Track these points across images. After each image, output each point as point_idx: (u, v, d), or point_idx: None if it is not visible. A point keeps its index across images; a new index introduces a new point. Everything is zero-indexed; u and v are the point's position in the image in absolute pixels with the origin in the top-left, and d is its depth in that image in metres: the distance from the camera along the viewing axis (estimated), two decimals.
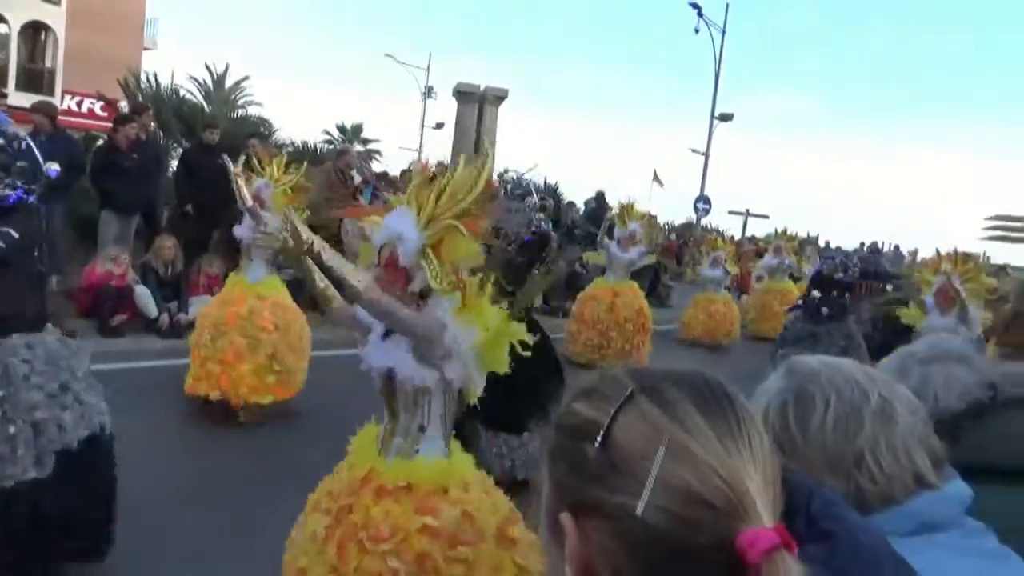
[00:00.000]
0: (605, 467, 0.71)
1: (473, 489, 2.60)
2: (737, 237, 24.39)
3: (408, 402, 2.57)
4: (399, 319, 2.44)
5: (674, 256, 21.58)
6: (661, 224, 21.29)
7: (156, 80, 14.36)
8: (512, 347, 2.55)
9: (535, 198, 5.50)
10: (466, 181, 2.47)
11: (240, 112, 15.75)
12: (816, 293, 9.55)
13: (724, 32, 22.08)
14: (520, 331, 2.55)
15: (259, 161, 5.81)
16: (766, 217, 26.40)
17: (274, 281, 5.93)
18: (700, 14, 21.02)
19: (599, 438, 0.71)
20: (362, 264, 2.65)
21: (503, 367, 2.53)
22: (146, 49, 27.04)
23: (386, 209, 2.66)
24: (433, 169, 2.63)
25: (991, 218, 24.85)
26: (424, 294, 2.51)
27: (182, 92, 14.71)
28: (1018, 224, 24.34)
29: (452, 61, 73.88)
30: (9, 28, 24.34)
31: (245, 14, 78.13)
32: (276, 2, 76.36)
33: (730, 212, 27.34)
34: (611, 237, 9.16)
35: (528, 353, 2.54)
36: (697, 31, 21.28)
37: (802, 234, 21.06)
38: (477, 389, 2.58)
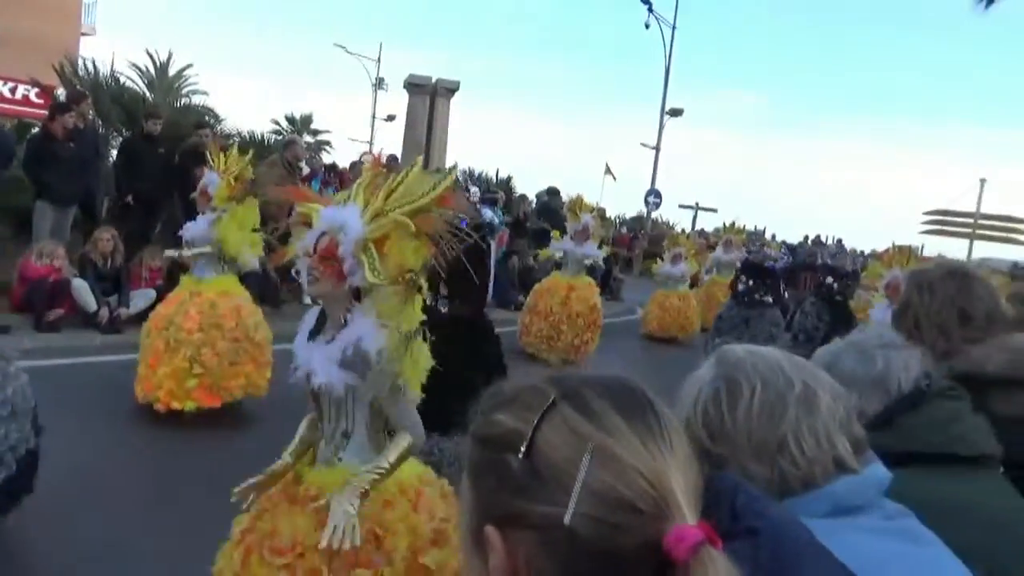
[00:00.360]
0: (530, 477, 0.70)
1: (398, 505, 2.40)
2: (688, 231, 24.78)
3: (332, 406, 2.42)
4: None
5: (626, 248, 21.83)
6: (612, 217, 21.52)
7: (95, 67, 13.88)
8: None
9: (477, 190, 5.44)
10: (424, 183, 2.34)
11: (184, 101, 15.33)
12: (745, 279, 9.77)
13: (674, 28, 22.36)
14: (423, 354, 2.40)
15: (210, 153, 5.62)
16: (714, 211, 26.86)
17: (226, 280, 5.55)
18: (650, 9, 21.23)
19: (523, 448, 0.71)
20: (292, 250, 2.47)
21: (423, 371, 2.40)
22: (84, 35, 26.09)
23: (332, 200, 2.52)
24: (385, 163, 2.52)
25: (929, 213, 25.74)
26: (360, 292, 2.34)
27: (123, 80, 14.24)
28: (954, 219, 25.26)
29: (404, 52, 73.37)
30: None
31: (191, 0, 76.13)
32: None
33: (680, 206, 27.81)
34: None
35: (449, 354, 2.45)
36: (648, 26, 21.50)
37: (749, 227, 21.48)
38: (414, 390, 2.43)
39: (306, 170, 10.38)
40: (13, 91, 18.48)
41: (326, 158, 18.44)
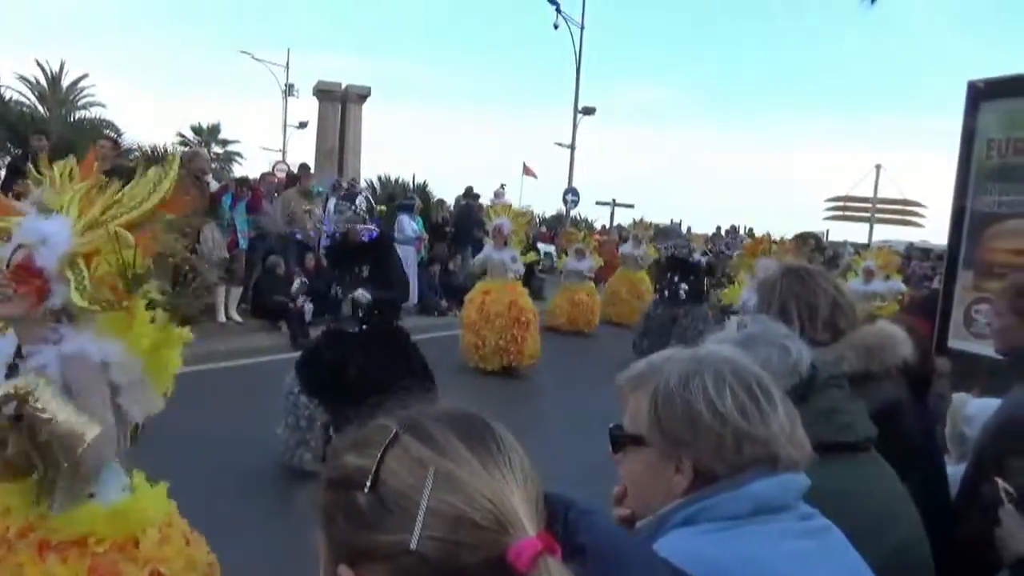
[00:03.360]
0: (376, 509, 0.73)
1: (172, 539, 2.17)
2: (608, 226, 25.20)
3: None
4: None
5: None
6: (534, 215, 21.64)
7: None
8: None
9: (363, 198, 5.34)
10: (143, 188, 2.10)
11: (81, 114, 14.66)
12: (670, 276, 9.95)
13: (583, 28, 22.69)
14: (179, 335, 2.20)
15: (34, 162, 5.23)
16: (631, 206, 27.37)
17: None
18: (558, 10, 21.48)
19: (368, 483, 0.74)
20: None
21: (169, 379, 2.21)
22: None
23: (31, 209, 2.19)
24: (102, 172, 2.21)
25: (831, 199, 26.89)
26: (68, 313, 2.07)
27: (8, 94, 13.50)
28: (855, 204, 26.48)
29: (314, 57, 71.84)
30: None
31: (84, 7, 72.72)
32: None
33: (597, 203, 28.18)
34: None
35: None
36: (556, 27, 21.74)
37: (665, 220, 22.01)
38: (154, 408, 2.21)
39: (214, 184, 10.05)
40: None
41: (237, 169, 17.95)
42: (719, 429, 1.14)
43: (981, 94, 4.02)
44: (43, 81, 15.15)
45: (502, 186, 14.99)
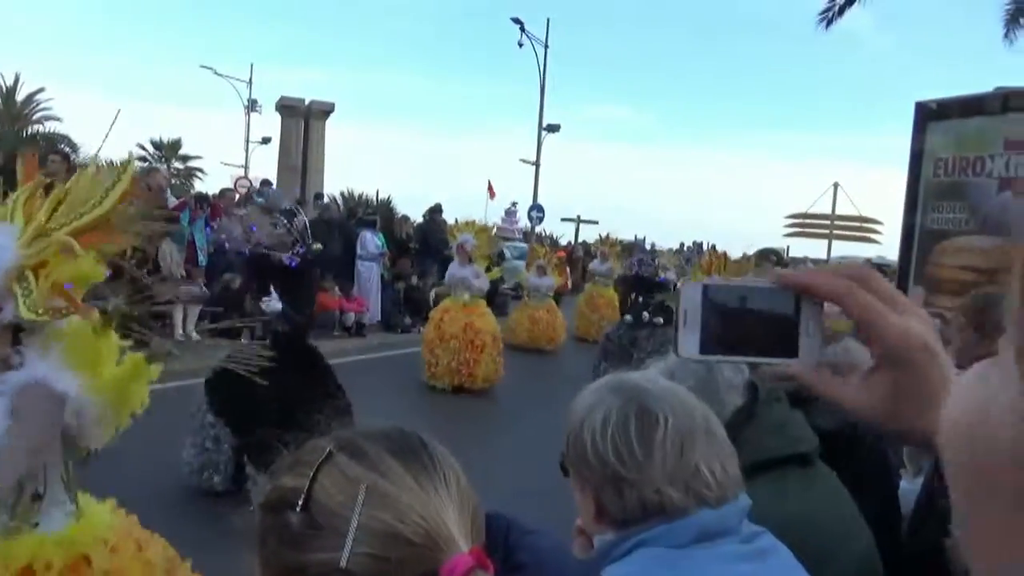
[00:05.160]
0: (308, 528, 0.72)
1: (122, 548, 2.11)
2: (573, 243, 25.33)
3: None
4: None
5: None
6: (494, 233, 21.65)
7: None
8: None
9: (302, 220, 5.37)
10: (93, 190, 2.00)
11: (37, 128, 14.36)
12: (635, 296, 9.93)
13: (547, 47, 22.91)
14: (148, 370, 2.07)
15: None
16: (595, 223, 27.59)
17: None
18: (523, 29, 21.67)
19: (300, 502, 0.73)
20: None
21: (132, 412, 2.09)
22: None
23: None
24: (45, 175, 2.07)
25: (790, 216, 27.38)
26: (21, 329, 1.95)
27: None
28: (813, 221, 26.99)
29: (277, 73, 71.37)
30: None
31: (41, 19, 71.41)
32: (75, 8, 70.35)
33: (563, 219, 28.38)
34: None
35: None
36: (521, 45, 21.94)
37: (629, 237, 22.21)
38: (109, 436, 2.09)
39: (172, 200, 9.89)
40: None
41: (198, 184, 17.71)
42: (601, 469, 1.13)
43: (929, 115, 4.14)
44: None
45: (514, 204, 14.97)
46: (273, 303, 4.88)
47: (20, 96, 15.15)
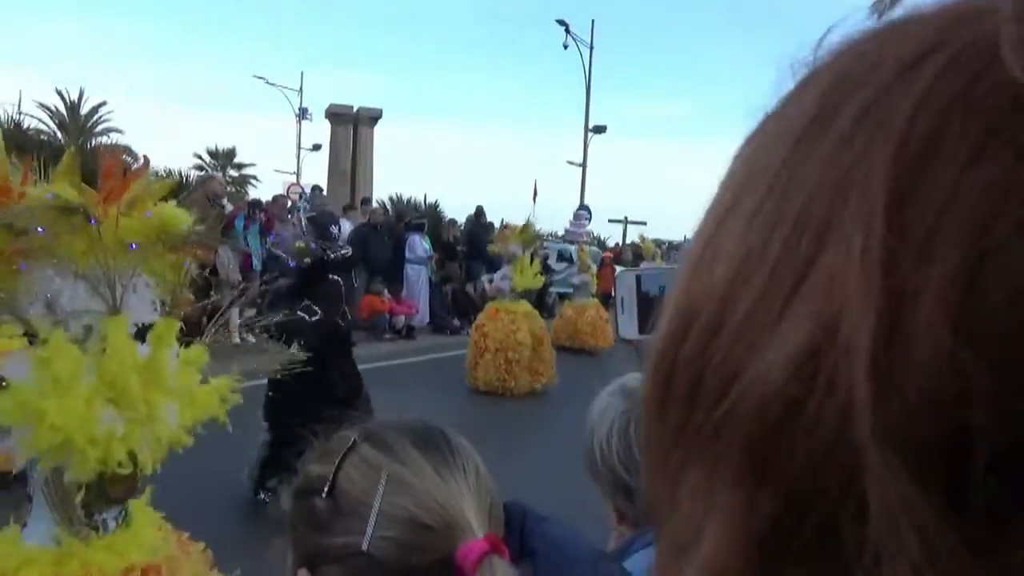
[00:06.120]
0: (332, 514, 0.77)
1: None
2: (621, 244, 25.19)
3: None
4: None
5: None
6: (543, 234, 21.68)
7: None
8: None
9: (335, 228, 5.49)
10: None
11: (102, 139, 14.94)
12: None
13: (592, 47, 22.86)
14: (197, 353, 2.05)
15: None
16: (644, 224, 27.37)
17: None
18: (568, 31, 21.67)
19: (325, 488, 0.78)
20: None
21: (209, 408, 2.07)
22: None
23: None
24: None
25: None
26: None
27: (28, 122, 13.77)
28: None
29: (327, 79, 72.71)
30: None
31: (99, 32, 74.06)
32: (134, 21, 72.77)
33: (610, 220, 28.20)
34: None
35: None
36: (566, 47, 21.93)
37: (679, 237, 21.99)
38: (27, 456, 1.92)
39: (229, 207, 10.21)
40: None
41: (252, 192, 18.18)
42: (610, 477, 1.17)
43: None
44: (62, 109, 15.43)
45: (582, 207, 14.93)
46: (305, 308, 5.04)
47: (84, 110, 15.76)
